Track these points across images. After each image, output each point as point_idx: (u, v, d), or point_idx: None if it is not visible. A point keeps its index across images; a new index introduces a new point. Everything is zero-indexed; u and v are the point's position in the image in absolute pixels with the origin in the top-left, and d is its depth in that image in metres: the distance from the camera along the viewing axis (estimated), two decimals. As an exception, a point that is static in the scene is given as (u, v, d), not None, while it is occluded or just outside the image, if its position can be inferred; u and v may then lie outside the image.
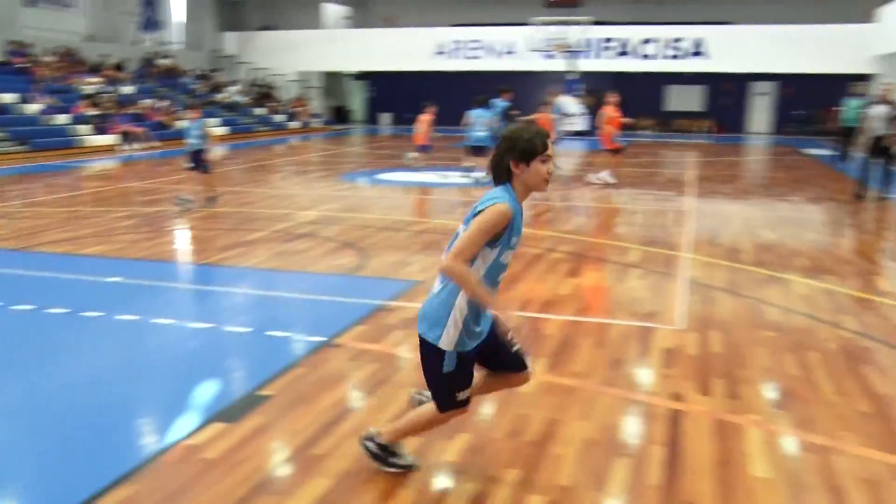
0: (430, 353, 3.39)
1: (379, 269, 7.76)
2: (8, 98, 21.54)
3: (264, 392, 4.64)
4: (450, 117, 22.31)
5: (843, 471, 3.74)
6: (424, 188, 14.48)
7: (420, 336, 3.41)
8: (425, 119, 16.88)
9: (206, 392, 4.77)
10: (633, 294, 6.92)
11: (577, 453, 3.90)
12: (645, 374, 5.03)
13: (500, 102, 15.42)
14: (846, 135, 19.87)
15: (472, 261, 3.21)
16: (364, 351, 5.37)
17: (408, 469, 3.71)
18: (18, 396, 4.65)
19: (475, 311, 3.33)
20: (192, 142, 11.86)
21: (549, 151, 3.19)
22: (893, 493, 3.55)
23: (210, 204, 11.59)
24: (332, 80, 37.18)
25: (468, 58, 31.71)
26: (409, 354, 5.30)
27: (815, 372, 5.04)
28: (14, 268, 7.82)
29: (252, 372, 5.09)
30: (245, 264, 8.05)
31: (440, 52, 32.00)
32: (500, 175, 3.24)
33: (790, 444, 4.05)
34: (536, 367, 5.11)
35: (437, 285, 3.40)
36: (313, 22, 34.95)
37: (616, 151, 15.04)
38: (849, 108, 19.57)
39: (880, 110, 13.28)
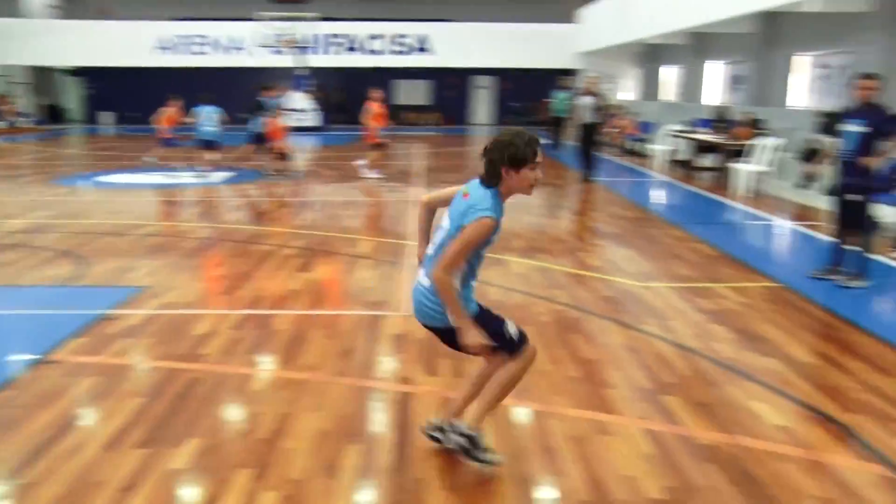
0: (453, 332, 3.47)
1: (100, 277, 7.29)
2: None
3: (-32, 422, 4.21)
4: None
5: (555, 432, 4.10)
6: (152, 190, 13.77)
7: (435, 329, 3.59)
8: (169, 111, 16.11)
9: None
10: (364, 284, 7.08)
11: (309, 445, 3.94)
12: (375, 361, 5.17)
13: (270, 100, 14.97)
14: (556, 124, 21.63)
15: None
16: (83, 364, 5.05)
17: (494, 465, 3.68)
18: None
19: (464, 283, 3.52)
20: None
21: (538, 159, 3.37)
22: (596, 446, 3.95)
23: None
24: (43, 76, 34.15)
25: (194, 53, 30.55)
26: (134, 363, 5.06)
27: (530, 344, 5.46)
28: None
29: (-50, 399, 4.60)
30: (-60, 281, 7.23)
31: (163, 48, 30.51)
32: (491, 179, 3.39)
33: (509, 413, 4.36)
34: (266, 364, 5.09)
35: (426, 280, 3.52)
36: (13, 10, 31.87)
37: (378, 146, 15.11)
38: (558, 99, 21.31)
39: (587, 101, 14.57)
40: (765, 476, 3.66)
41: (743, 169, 13.20)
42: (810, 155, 12.01)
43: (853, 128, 6.82)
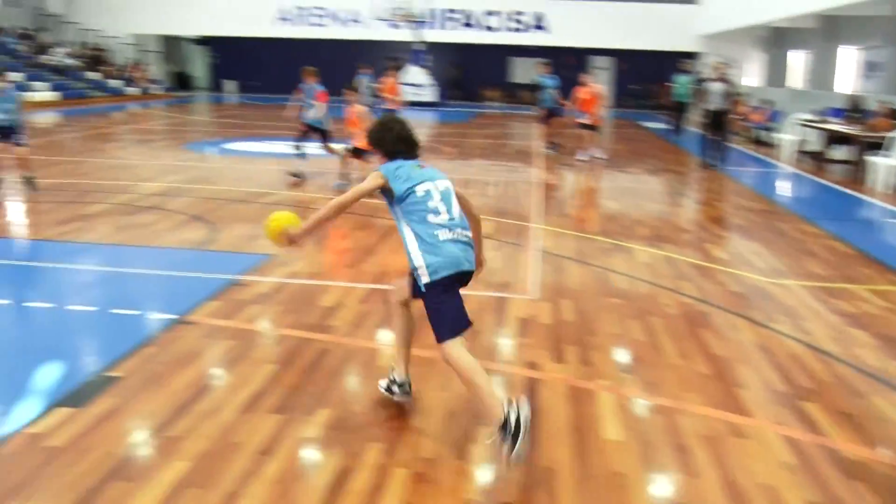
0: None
1: (230, 243, 7.53)
2: None
3: (113, 373, 4.42)
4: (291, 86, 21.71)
5: (687, 429, 3.99)
6: (275, 159, 14.13)
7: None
8: (389, 81, 14.75)
9: (48, 375, 4.48)
10: (488, 265, 7.05)
11: (438, 425, 3.96)
12: (501, 344, 5.16)
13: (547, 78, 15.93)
14: (678, 109, 21.02)
15: None
16: (218, 328, 5.22)
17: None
18: None
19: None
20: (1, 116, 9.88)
21: None
22: (730, 448, 3.82)
23: (29, 187, 9.84)
24: (172, 45, 35.54)
25: (312, 24, 31.13)
26: (265, 329, 5.20)
27: (658, 337, 5.33)
28: None
29: (99, 353, 4.83)
30: (85, 239, 7.62)
31: (284, 19, 31.24)
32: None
33: (639, 406, 4.27)
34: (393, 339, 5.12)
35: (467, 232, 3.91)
36: (148, -19, 33.25)
37: (593, 128, 14.97)
38: (679, 84, 20.69)
39: (717, 87, 14.10)
40: (917, 496, 3.46)
41: (882, 163, 12.52)
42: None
43: None
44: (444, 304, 3.67)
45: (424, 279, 3.67)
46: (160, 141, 16.68)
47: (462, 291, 3.78)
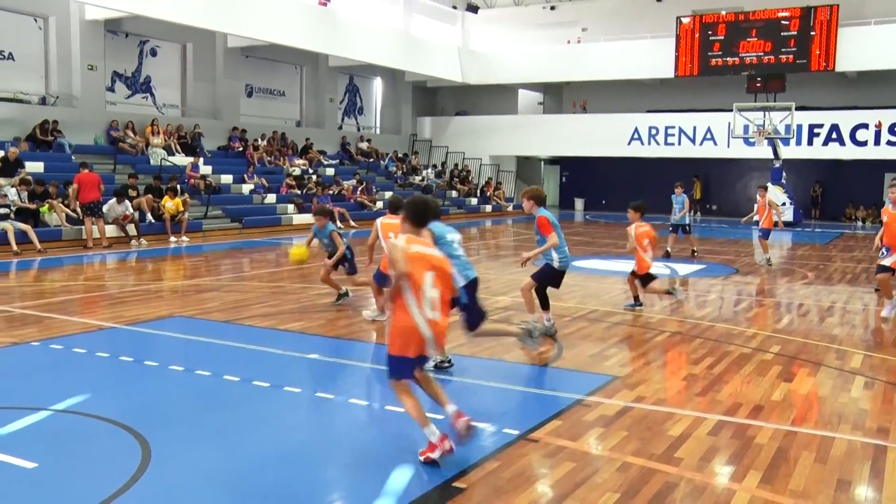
0: None
1: (574, 361, 7.51)
2: (226, 179, 23.35)
3: (458, 484, 4.50)
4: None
5: None
6: (621, 278, 14.09)
7: None
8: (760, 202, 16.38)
9: (398, 479, 4.68)
10: (858, 405, 6.25)
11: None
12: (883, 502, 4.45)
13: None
14: None
15: None
16: (561, 447, 5.14)
17: None
18: (223, 465, 4.78)
19: None
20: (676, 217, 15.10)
21: None
22: None
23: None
24: (525, 165, 37.72)
25: (666, 144, 31.21)
26: (609, 454, 5.01)
27: None
28: (224, 339, 8.22)
29: (446, 462, 4.95)
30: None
31: (635, 139, 31.74)
32: None
33: None
34: (748, 481, 4.66)
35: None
36: (507, 108, 35.83)
37: None
38: None
39: None
40: None
41: None
42: None
43: None
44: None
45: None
46: (510, 256, 17.50)
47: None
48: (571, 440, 5.29)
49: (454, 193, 32.09)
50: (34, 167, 18.49)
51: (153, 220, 18.81)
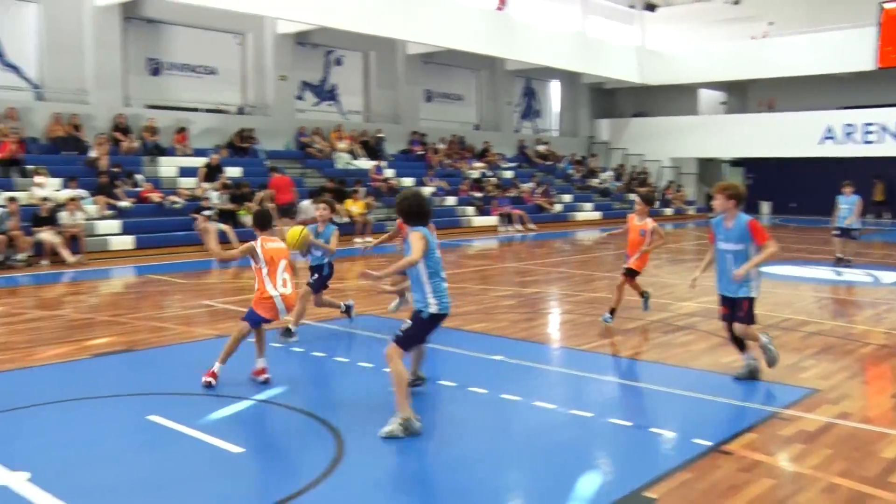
0: None
1: (769, 372, 7.10)
2: (407, 182, 23.98)
3: (649, 494, 4.37)
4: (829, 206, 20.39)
5: None
6: (817, 285, 13.28)
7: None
8: None
9: (587, 485, 4.60)
10: None
11: None
12: None
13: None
14: None
15: None
16: (758, 462, 4.87)
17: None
18: (412, 464, 4.88)
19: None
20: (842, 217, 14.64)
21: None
22: None
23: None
24: (707, 167, 36.31)
25: (864, 143, 29.05)
26: (812, 473, 4.70)
27: None
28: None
29: (635, 470, 4.83)
30: (621, 354, 7.89)
31: (828, 137, 29.78)
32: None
33: None
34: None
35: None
36: (687, 108, 34.65)
37: None
38: None
39: None
40: None
41: None
42: None
43: None
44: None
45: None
46: (693, 260, 16.89)
47: None
48: (768, 455, 5.01)
49: (633, 196, 31.37)
50: (233, 172, 19.78)
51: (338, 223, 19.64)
